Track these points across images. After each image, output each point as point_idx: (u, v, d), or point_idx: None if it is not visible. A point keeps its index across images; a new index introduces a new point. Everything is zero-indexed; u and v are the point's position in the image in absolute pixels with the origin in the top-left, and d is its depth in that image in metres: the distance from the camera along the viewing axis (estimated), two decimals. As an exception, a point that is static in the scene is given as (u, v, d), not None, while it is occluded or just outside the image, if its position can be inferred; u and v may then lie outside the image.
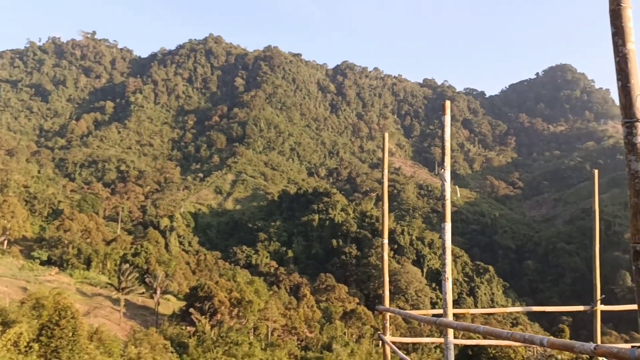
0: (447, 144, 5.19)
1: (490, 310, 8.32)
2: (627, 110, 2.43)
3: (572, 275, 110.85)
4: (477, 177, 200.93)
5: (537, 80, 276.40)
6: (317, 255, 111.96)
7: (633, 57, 2.42)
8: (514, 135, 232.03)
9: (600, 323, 7.94)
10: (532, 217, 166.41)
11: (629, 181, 2.42)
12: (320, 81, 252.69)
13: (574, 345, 2.66)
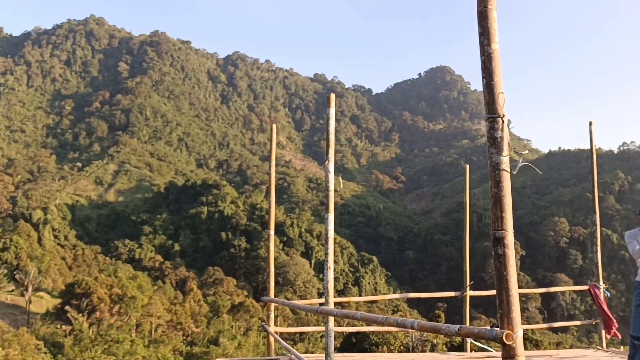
0: (331, 136, 5.28)
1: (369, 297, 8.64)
2: (491, 107, 2.60)
3: (447, 264, 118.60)
4: (363, 171, 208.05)
5: (420, 80, 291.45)
6: (206, 249, 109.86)
7: (497, 57, 2.59)
8: (398, 132, 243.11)
9: (469, 307, 8.53)
10: (413, 209, 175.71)
11: (490, 173, 2.59)
12: (210, 71, 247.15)
13: (440, 327, 2.82)
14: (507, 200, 2.54)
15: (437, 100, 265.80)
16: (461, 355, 7.61)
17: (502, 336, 2.34)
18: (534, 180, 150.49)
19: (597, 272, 8.66)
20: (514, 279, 2.46)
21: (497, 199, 2.54)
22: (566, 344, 39.44)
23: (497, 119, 2.57)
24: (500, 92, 2.57)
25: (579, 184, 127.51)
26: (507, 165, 2.56)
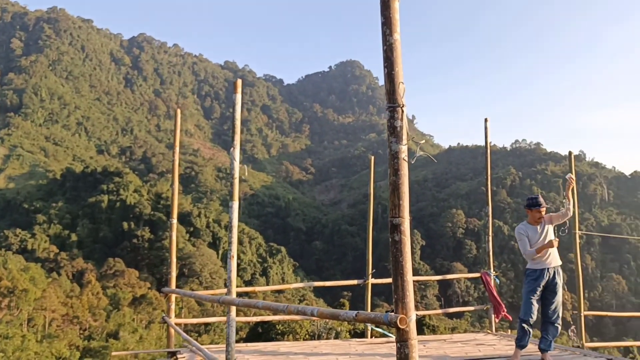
0: (237, 123, 5.18)
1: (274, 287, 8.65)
2: (391, 96, 2.64)
3: (353, 254, 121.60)
4: (274, 161, 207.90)
5: (330, 73, 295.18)
6: (106, 239, 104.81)
7: (398, 47, 2.63)
8: (308, 124, 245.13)
9: (370, 295, 8.79)
10: (321, 200, 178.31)
11: (389, 161, 2.63)
12: (113, 52, 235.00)
13: (339, 313, 2.85)
14: (405, 189, 2.59)
15: (347, 94, 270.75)
16: (362, 341, 7.81)
17: (396, 320, 2.39)
18: (434, 174, 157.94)
19: (488, 260, 9.22)
20: (409, 265, 2.53)
21: (395, 186, 2.59)
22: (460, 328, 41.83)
23: (397, 109, 2.62)
24: (401, 82, 2.62)
25: (475, 178, 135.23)
26: (406, 154, 2.62)
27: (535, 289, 6.34)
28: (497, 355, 6.78)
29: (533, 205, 6.45)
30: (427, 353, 6.86)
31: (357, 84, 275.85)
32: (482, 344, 7.65)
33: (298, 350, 6.88)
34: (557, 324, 6.49)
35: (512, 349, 7.14)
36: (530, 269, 6.49)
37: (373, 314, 2.67)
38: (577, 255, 9.12)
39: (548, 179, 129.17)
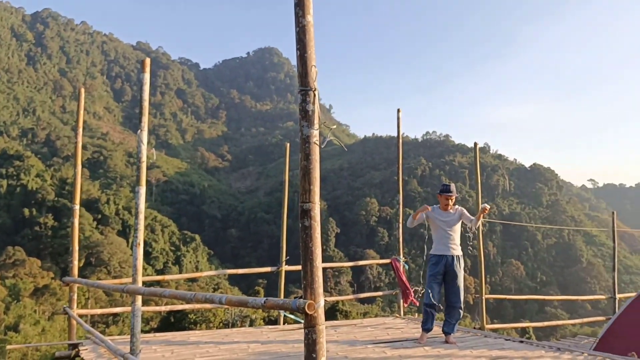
0: (145, 104, 4.93)
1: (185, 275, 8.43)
2: (303, 79, 2.60)
3: (269, 242, 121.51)
4: (188, 148, 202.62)
5: (248, 59, 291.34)
6: (4, 226, 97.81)
7: (311, 29, 2.59)
8: (225, 110, 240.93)
9: (284, 282, 8.79)
10: (237, 188, 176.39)
11: (300, 145, 2.60)
12: (15, 27, 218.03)
13: (247, 300, 2.79)
14: (316, 174, 2.57)
15: (265, 81, 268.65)
16: (274, 328, 7.80)
17: (305, 306, 2.37)
18: (350, 163, 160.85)
19: (399, 247, 9.51)
20: (319, 251, 2.51)
21: (306, 171, 2.55)
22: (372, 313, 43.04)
23: (309, 92, 2.58)
24: (313, 65, 2.58)
25: (388, 168, 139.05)
26: (317, 138, 2.59)
27: (435, 274, 6.66)
28: (404, 338, 7.00)
29: (442, 191, 6.85)
30: (338, 338, 6.96)
31: (275, 72, 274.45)
32: (391, 328, 7.88)
33: (208, 339, 6.75)
34: (459, 308, 6.81)
35: (419, 331, 7.41)
36: (431, 254, 6.86)
37: (282, 300, 2.64)
38: (479, 242, 9.60)
39: (455, 170, 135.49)
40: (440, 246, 6.79)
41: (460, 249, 6.91)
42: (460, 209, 6.92)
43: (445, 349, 6.39)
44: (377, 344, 6.59)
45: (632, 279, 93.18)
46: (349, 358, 5.74)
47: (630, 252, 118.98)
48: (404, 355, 5.97)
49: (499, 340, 7.08)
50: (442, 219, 6.81)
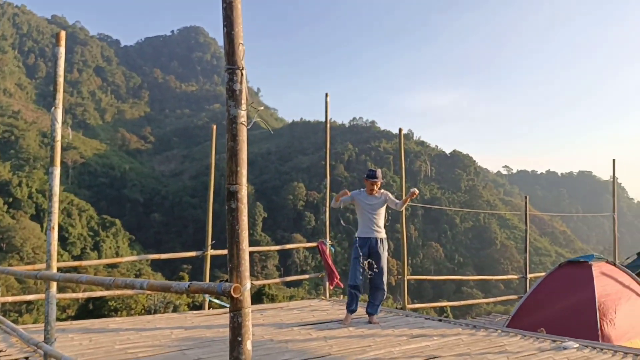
0: (60, 79, 4.65)
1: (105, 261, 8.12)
2: (230, 57, 2.52)
3: (194, 226, 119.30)
4: (108, 128, 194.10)
5: (172, 37, 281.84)
6: None
7: (238, 6, 2.51)
8: (148, 90, 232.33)
9: (210, 267, 8.65)
10: (161, 171, 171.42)
11: (227, 126, 2.53)
12: None
13: (170, 285, 2.70)
14: (243, 155, 2.52)
15: (190, 61, 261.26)
16: (199, 313, 7.68)
17: (230, 290, 2.33)
18: (278, 147, 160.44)
19: (325, 231, 9.61)
20: (245, 233, 2.47)
21: (232, 152, 2.50)
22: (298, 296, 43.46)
23: (236, 71, 2.51)
24: (240, 44, 2.51)
25: (316, 153, 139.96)
26: (244, 118, 2.54)
27: (360, 256, 6.82)
28: (329, 320, 7.11)
29: (368, 177, 7.02)
30: (264, 321, 6.96)
31: (202, 52, 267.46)
32: (317, 310, 7.98)
33: (129, 325, 6.54)
34: (382, 289, 7.00)
35: (344, 313, 7.54)
36: (356, 237, 7.03)
37: (206, 284, 2.58)
38: (402, 226, 9.89)
39: (381, 155, 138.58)
40: (365, 229, 6.95)
41: (385, 232, 7.09)
42: (385, 193, 7.11)
43: (369, 329, 6.55)
44: (303, 326, 6.65)
45: (542, 259, 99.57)
46: (274, 340, 5.76)
47: (540, 234, 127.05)
48: (329, 336, 6.06)
49: (419, 320, 7.35)
50: (367, 202, 6.97)
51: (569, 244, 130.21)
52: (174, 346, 5.43)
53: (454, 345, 5.76)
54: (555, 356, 5.33)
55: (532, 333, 6.56)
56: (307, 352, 5.23)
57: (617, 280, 8.19)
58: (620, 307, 7.71)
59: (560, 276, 8.46)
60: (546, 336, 6.36)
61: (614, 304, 7.68)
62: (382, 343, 5.74)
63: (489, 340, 6.09)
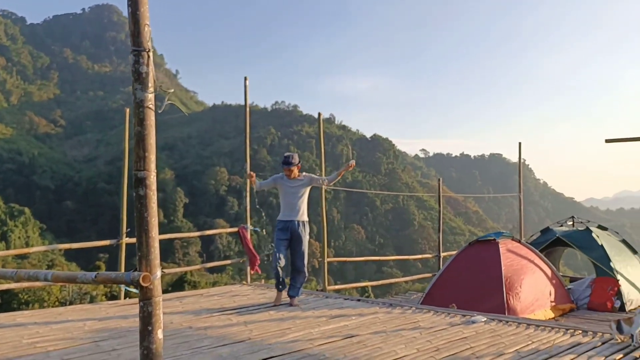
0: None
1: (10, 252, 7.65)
2: (136, 39, 2.43)
3: (110, 214, 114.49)
4: (14, 111, 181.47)
5: (84, 15, 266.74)
6: None
7: (143, -15, 2.42)
8: (58, 71, 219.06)
9: (125, 255, 8.36)
10: (73, 157, 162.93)
11: (134, 110, 2.45)
12: None
13: (77, 276, 2.60)
14: (151, 140, 2.45)
15: (104, 41, 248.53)
16: (114, 304, 7.45)
17: (139, 278, 2.28)
18: (199, 131, 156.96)
19: (246, 215, 9.57)
20: (155, 220, 2.41)
21: (140, 137, 2.42)
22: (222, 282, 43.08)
23: (142, 53, 2.43)
24: (147, 24, 2.43)
25: (238, 137, 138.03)
26: (152, 102, 2.46)
27: (282, 238, 6.90)
28: (250, 305, 7.12)
29: (284, 164, 7.05)
30: (183, 309, 6.86)
31: (115, 32, 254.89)
32: (238, 295, 7.95)
33: (39, 319, 6.22)
34: (303, 271, 7.09)
35: (265, 298, 7.59)
36: (278, 220, 7.09)
37: (115, 273, 2.51)
38: (322, 208, 10.02)
39: (304, 139, 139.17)
40: (287, 212, 7.01)
41: (307, 215, 7.15)
42: (308, 175, 7.18)
43: (289, 311, 6.62)
44: (223, 312, 6.62)
45: (456, 239, 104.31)
46: (193, 328, 5.69)
47: (455, 214, 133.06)
48: (249, 320, 6.07)
49: (339, 300, 7.52)
50: (290, 185, 7.02)
51: (481, 223, 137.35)
52: (87, 338, 5.23)
53: (371, 323, 5.95)
54: (464, 330, 5.63)
55: (444, 309, 6.90)
56: (227, 338, 5.21)
57: (522, 256, 8.75)
58: (525, 281, 8.26)
59: (470, 254, 8.93)
60: (457, 311, 6.71)
61: (519, 279, 8.22)
62: (301, 325, 5.82)
63: (404, 317, 6.34)
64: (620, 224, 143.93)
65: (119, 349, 4.84)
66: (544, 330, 5.66)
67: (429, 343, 5.00)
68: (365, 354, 4.60)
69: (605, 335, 5.29)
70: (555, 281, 8.83)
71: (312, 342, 5.00)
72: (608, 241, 10.17)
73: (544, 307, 8.22)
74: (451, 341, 5.11)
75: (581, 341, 5.12)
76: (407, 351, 4.69)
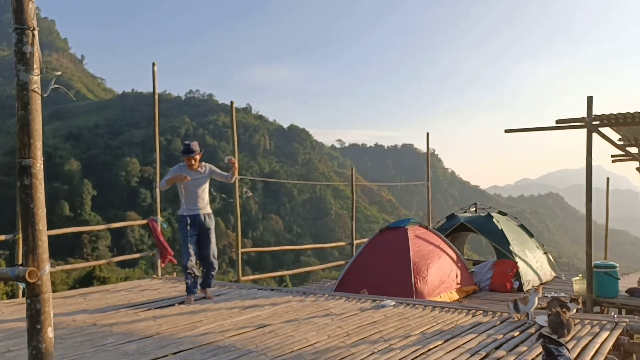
0: None
1: None
2: (19, 16, 2.26)
3: (10, 208, 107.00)
4: None
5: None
6: None
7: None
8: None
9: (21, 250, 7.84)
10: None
11: (17, 93, 2.27)
12: None
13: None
14: (37, 125, 2.28)
15: (1, 23, 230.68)
16: (11, 302, 6.97)
17: (25, 274, 2.12)
18: (107, 120, 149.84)
19: (156, 207, 9.26)
20: (43, 212, 2.26)
21: (24, 123, 2.25)
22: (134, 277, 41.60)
23: (26, 31, 2.25)
24: (31, 1, 2.26)
25: (150, 126, 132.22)
26: (38, 85, 2.29)
27: (190, 235, 6.60)
28: (160, 299, 6.91)
29: (185, 152, 6.67)
30: (87, 306, 6.54)
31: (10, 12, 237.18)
32: (147, 290, 7.70)
33: None
34: (214, 263, 6.95)
35: (176, 291, 7.40)
36: (182, 215, 6.71)
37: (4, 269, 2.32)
38: (236, 199, 9.90)
39: (219, 129, 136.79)
40: (191, 206, 6.70)
41: (210, 207, 6.92)
42: (209, 167, 6.85)
43: (201, 304, 6.50)
44: (131, 307, 6.38)
45: (371, 226, 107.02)
46: (97, 325, 5.43)
47: (370, 203, 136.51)
48: (158, 315, 5.89)
49: (252, 291, 7.48)
50: (192, 176, 6.70)
51: (394, 211, 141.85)
52: (-23, 341, 4.86)
53: (284, 312, 5.97)
54: (374, 314, 5.79)
55: (355, 295, 7.05)
56: (134, 334, 5.02)
57: (429, 242, 9.11)
58: (431, 265, 8.61)
59: (380, 241, 9.18)
60: (368, 297, 6.88)
61: (426, 263, 8.55)
62: (213, 317, 5.73)
63: (317, 304, 6.42)
64: (521, 210, 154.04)
65: (15, 350, 4.54)
66: (448, 311, 5.93)
67: (339, 329, 5.09)
68: (276, 342, 4.60)
69: (504, 314, 5.63)
70: (460, 265, 9.29)
71: (223, 334, 4.93)
72: (507, 226, 10.83)
73: (449, 290, 8.63)
74: (361, 326, 5.23)
75: (482, 321, 5.41)
76: (319, 338, 4.74)
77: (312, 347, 4.43)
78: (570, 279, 9.28)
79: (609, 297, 7.31)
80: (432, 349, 4.33)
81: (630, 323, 4.98)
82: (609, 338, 4.55)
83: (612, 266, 7.47)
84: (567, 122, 7.50)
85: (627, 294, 7.45)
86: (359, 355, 4.15)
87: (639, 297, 7.31)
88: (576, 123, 7.43)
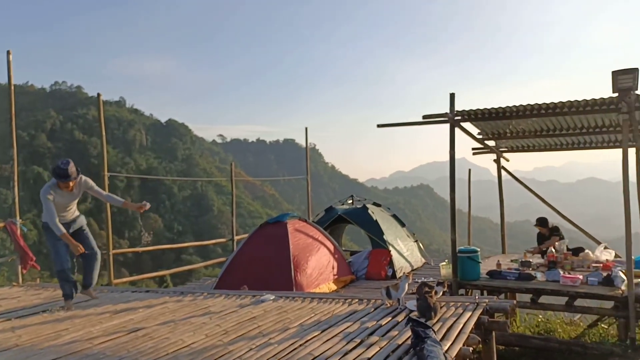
0: None
1: None
2: None
3: None
4: None
5: None
6: None
7: None
8: None
9: None
10: None
11: None
12: None
13: None
14: None
15: None
16: None
17: None
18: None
19: (15, 209, 8.52)
20: None
21: None
22: (-7, 286, 37.89)
23: None
24: None
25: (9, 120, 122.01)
26: None
27: (58, 237, 6.05)
28: (20, 307, 6.37)
29: (62, 177, 5.93)
30: None
31: None
32: (6, 298, 7.05)
33: None
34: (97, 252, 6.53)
35: (39, 298, 6.88)
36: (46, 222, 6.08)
37: None
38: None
39: (90, 124, 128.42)
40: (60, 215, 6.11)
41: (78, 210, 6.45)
42: (84, 181, 6.20)
43: (66, 311, 6.07)
44: (-15, 320, 5.79)
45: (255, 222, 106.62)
46: (-57, 343, 4.86)
47: (253, 198, 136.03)
48: (18, 325, 5.41)
49: (126, 294, 7.13)
50: (64, 200, 6.08)
51: (277, 205, 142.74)
52: None
53: (160, 314, 5.76)
54: (253, 310, 5.77)
55: (235, 291, 6.99)
56: (-13, 349, 4.56)
57: (308, 235, 9.28)
58: (310, 258, 8.78)
59: (261, 235, 9.19)
60: (248, 292, 6.86)
61: (305, 256, 8.71)
62: (80, 324, 5.37)
63: (195, 304, 6.27)
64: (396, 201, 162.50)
65: None
66: (325, 302, 6.08)
67: (218, 327, 5.01)
68: (150, 346, 4.42)
69: (377, 301, 5.89)
70: (338, 255, 9.57)
71: (91, 342, 4.64)
72: (381, 216, 11.34)
73: (327, 281, 8.86)
74: (240, 322, 5.19)
75: (357, 309, 5.61)
76: (195, 338, 4.63)
77: (188, 348, 4.31)
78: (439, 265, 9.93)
79: (472, 279, 7.90)
80: (310, 339, 4.41)
81: (489, 303, 5.43)
82: (471, 318, 4.91)
83: (473, 251, 8.09)
84: (432, 117, 7.99)
85: (488, 276, 8.10)
86: (237, 352, 4.11)
87: (497, 279, 7.99)
88: (440, 118, 7.94)
